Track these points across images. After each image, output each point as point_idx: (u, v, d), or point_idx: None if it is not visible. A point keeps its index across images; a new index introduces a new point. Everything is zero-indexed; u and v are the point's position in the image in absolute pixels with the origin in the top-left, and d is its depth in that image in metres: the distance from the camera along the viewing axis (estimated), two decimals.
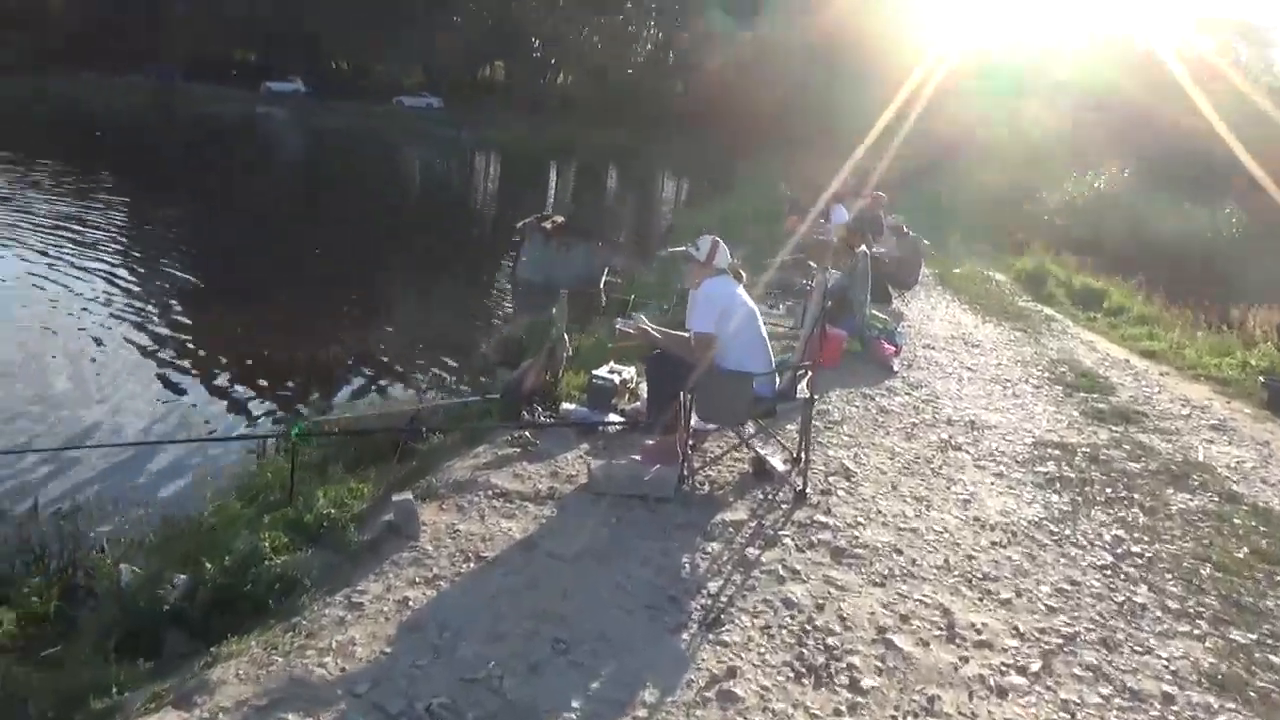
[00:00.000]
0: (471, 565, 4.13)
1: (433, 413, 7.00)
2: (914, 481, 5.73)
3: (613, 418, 6.08)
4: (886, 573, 4.41)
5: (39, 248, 15.15)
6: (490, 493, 4.89)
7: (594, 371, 6.51)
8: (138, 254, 15.77)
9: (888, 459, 6.11)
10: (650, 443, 5.51)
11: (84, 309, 11.77)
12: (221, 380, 9.75)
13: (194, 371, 9.92)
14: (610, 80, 63.10)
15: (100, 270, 14.06)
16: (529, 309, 13.06)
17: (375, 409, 7.30)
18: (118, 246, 16.12)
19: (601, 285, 15.26)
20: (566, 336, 6.85)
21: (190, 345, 10.86)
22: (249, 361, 10.46)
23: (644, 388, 6.05)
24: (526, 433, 5.68)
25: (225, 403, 9.01)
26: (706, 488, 5.25)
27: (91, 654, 3.95)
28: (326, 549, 4.42)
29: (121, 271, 14.25)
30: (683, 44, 64.34)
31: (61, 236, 16.20)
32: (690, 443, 5.36)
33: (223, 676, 3.28)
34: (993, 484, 5.88)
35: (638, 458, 5.40)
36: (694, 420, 5.17)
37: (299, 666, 3.31)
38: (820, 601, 4.05)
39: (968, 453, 6.48)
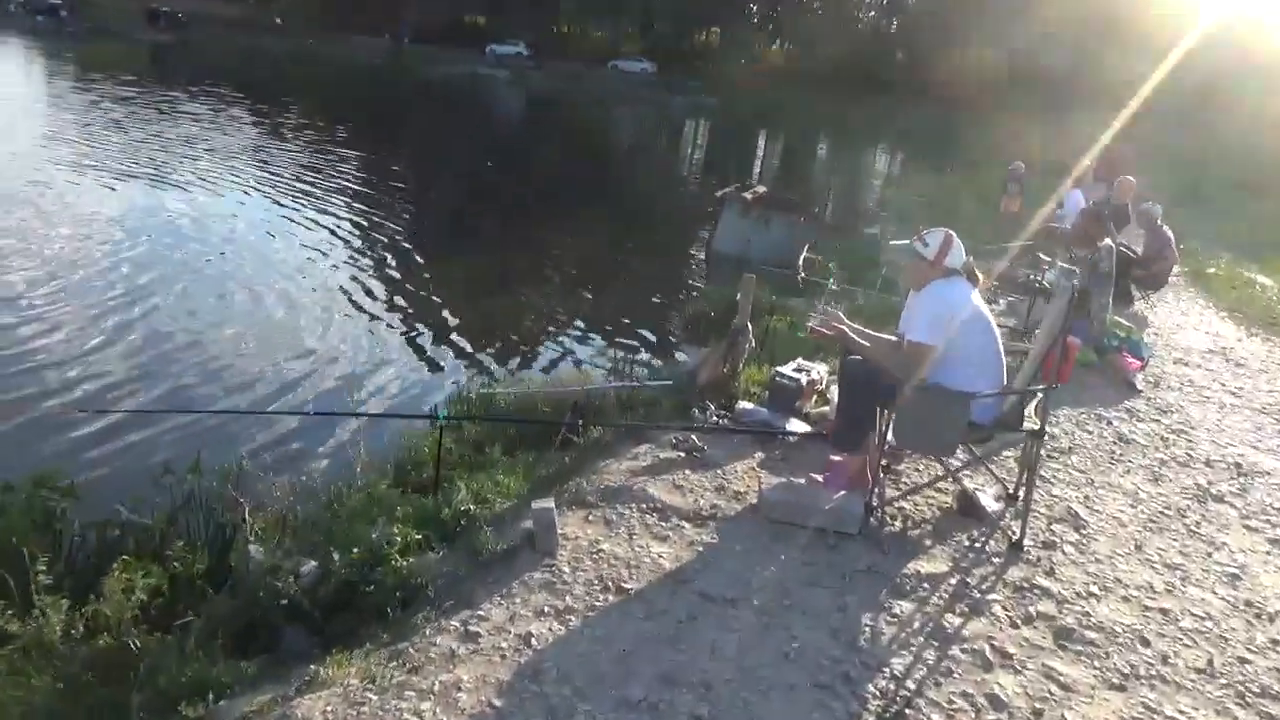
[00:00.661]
0: (610, 599, 3.53)
1: (600, 396, 6.47)
2: (1163, 541, 4.61)
3: (794, 424, 5.31)
4: (1128, 670, 3.44)
5: (276, 197, 16.35)
6: (644, 506, 4.28)
7: (778, 368, 5.76)
8: (358, 208, 16.50)
9: (1128, 506, 4.99)
10: (836, 459, 4.72)
11: (297, 265, 12.26)
12: (403, 343, 9.73)
13: (376, 332, 9.95)
14: (828, 48, 60.85)
15: (324, 222, 14.85)
16: (721, 284, 12.39)
17: (540, 387, 6.86)
18: (343, 200, 16.94)
19: (800, 263, 14.31)
20: (750, 325, 6.11)
21: (382, 304, 11.00)
22: (436, 322, 10.51)
23: (835, 392, 5.24)
24: (694, 436, 5.03)
25: (403, 368, 8.96)
26: (899, 524, 4.40)
27: (205, 639, 3.68)
28: (458, 552, 3.97)
29: (343, 224, 14.97)
30: (907, 8, 61.01)
31: (296, 187, 17.39)
32: (884, 463, 4.54)
33: (309, 714, 2.85)
34: (1269, 554, 4.65)
35: (819, 477, 4.62)
36: (890, 439, 4.34)
37: (391, 712, 2.83)
38: (1038, 705, 3.16)
39: (1233, 506, 5.22)
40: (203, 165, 18.69)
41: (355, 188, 18.38)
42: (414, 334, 10.07)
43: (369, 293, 11.30)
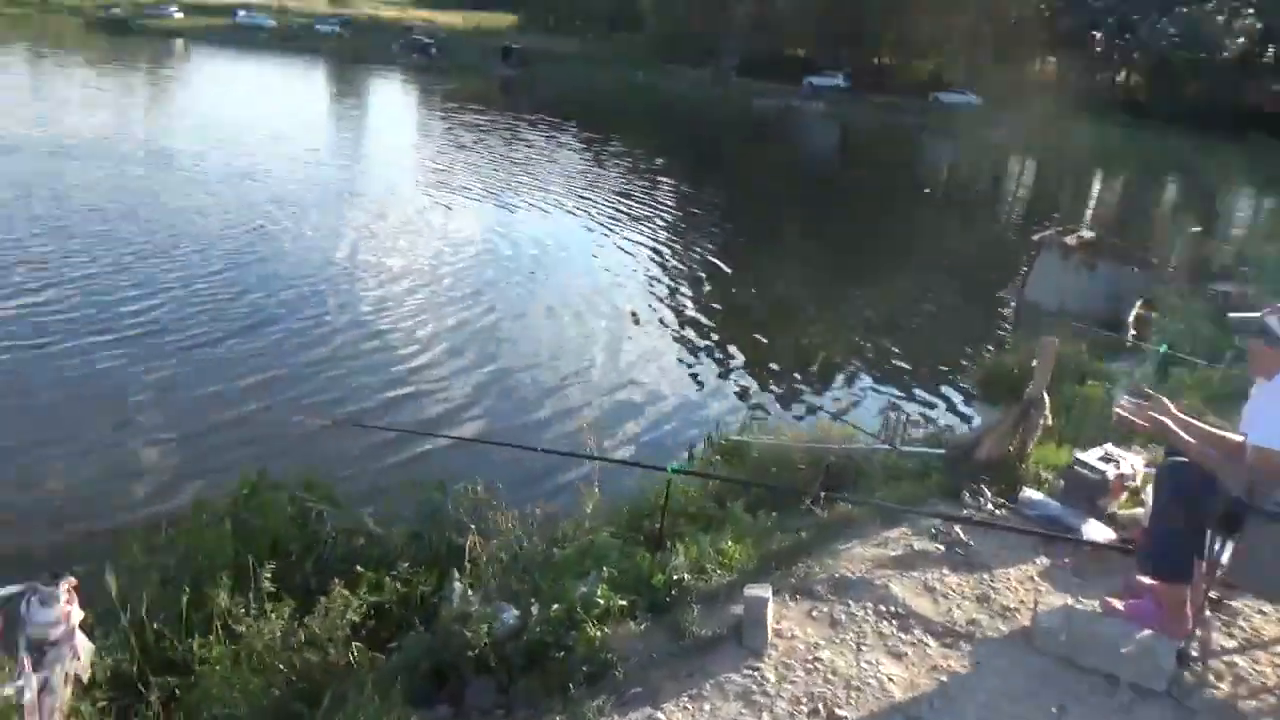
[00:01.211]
0: None
1: (861, 458, 5.77)
2: None
3: (1093, 528, 4.32)
4: None
5: (589, 222, 17.43)
6: (883, 607, 3.60)
7: (1080, 453, 4.77)
8: (662, 236, 17.10)
9: None
10: (1145, 581, 3.73)
11: (595, 290, 12.95)
12: (670, 376, 9.70)
13: (648, 364, 9.99)
14: (1183, 78, 54.22)
15: (629, 248, 15.58)
16: (1029, 338, 11.07)
17: (795, 438, 6.27)
18: (649, 227, 17.59)
19: (1129, 320, 12.47)
20: (1047, 396, 5.14)
21: (663, 335, 11.19)
22: (711, 357, 10.47)
23: (1150, 495, 4.20)
24: (958, 527, 4.23)
25: (663, 402, 8.88)
26: (1225, 686, 3.35)
27: (393, 675, 3.52)
28: (661, 629, 3.53)
29: (645, 251, 15.64)
30: None
31: (609, 212, 18.39)
32: (1213, 596, 3.51)
33: None
34: None
35: (1118, 604, 3.66)
36: (1222, 570, 3.33)
37: None
38: None
39: None
40: (529, 188, 20.20)
41: (662, 216, 18.91)
42: (687, 366, 9.98)
43: (654, 322, 11.55)
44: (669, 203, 20.69)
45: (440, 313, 10.88)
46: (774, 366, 10.39)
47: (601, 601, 3.55)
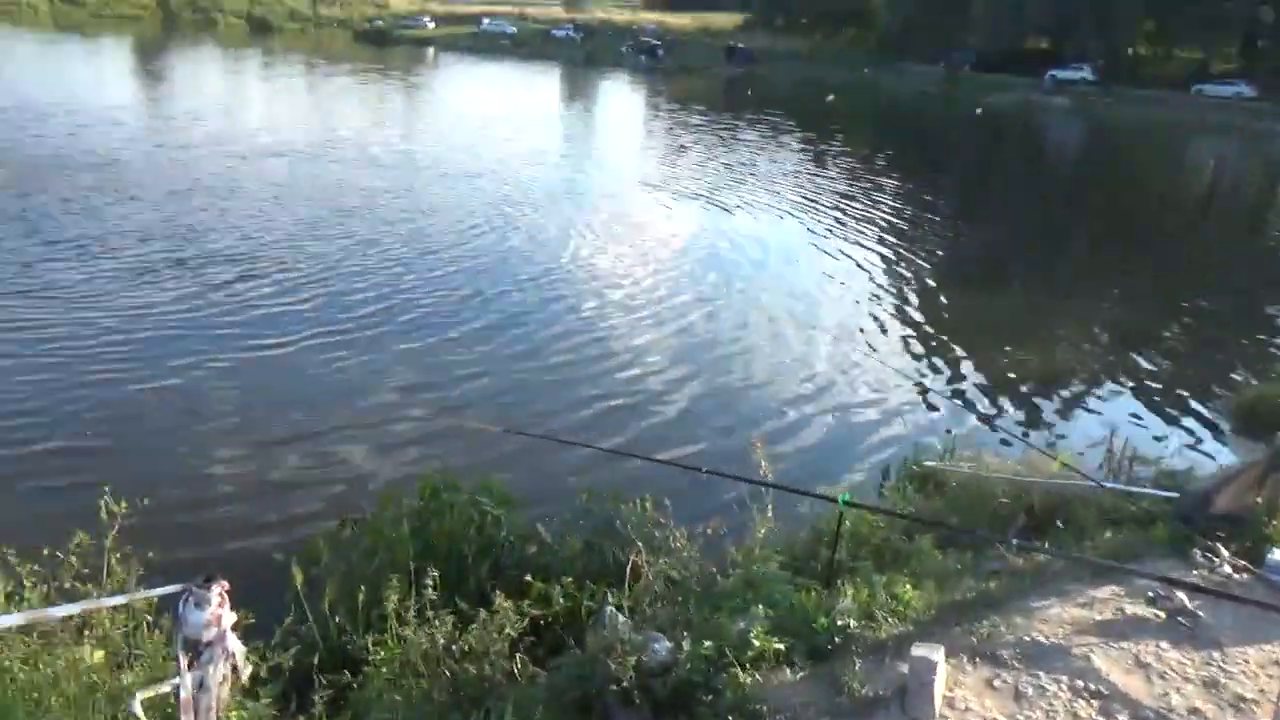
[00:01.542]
0: None
1: (1076, 496, 5.16)
2: None
3: None
4: None
5: (809, 222, 17.19)
6: (1081, 683, 3.14)
7: None
8: (888, 240, 16.47)
9: None
10: None
11: (815, 295, 12.76)
12: (873, 388, 9.22)
13: (853, 375, 9.58)
14: None
15: (850, 251, 15.20)
16: None
17: (999, 467, 5.71)
18: (873, 230, 17.06)
19: None
20: None
21: (877, 344, 10.77)
22: (921, 373, 9.95)
23: None
24: (1182, 594, 3.64)
25: (859, 416, 8.48)
26: None
27: (538, 701, 3.46)
28: (818, 680, 3.26)
29: (869, 255, 15.18)
30: None
31: (830, 213, 18.05)
32: None
33: None
34: None
35: None
36: None
37: None
38: None
39: None
40: (749, 189, 20.11)
41: (887, 218, 18.19)
42: (901, 382, 9.51)
43: (874, 332, 11.23)
44: (894, 205, 19.86)
45: (656, 319, 10.93)
46: (990, 384, 9.63)
47: (756, 644, 3.33)
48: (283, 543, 4.73)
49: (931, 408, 8.84)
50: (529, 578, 4.42)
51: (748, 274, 13.34)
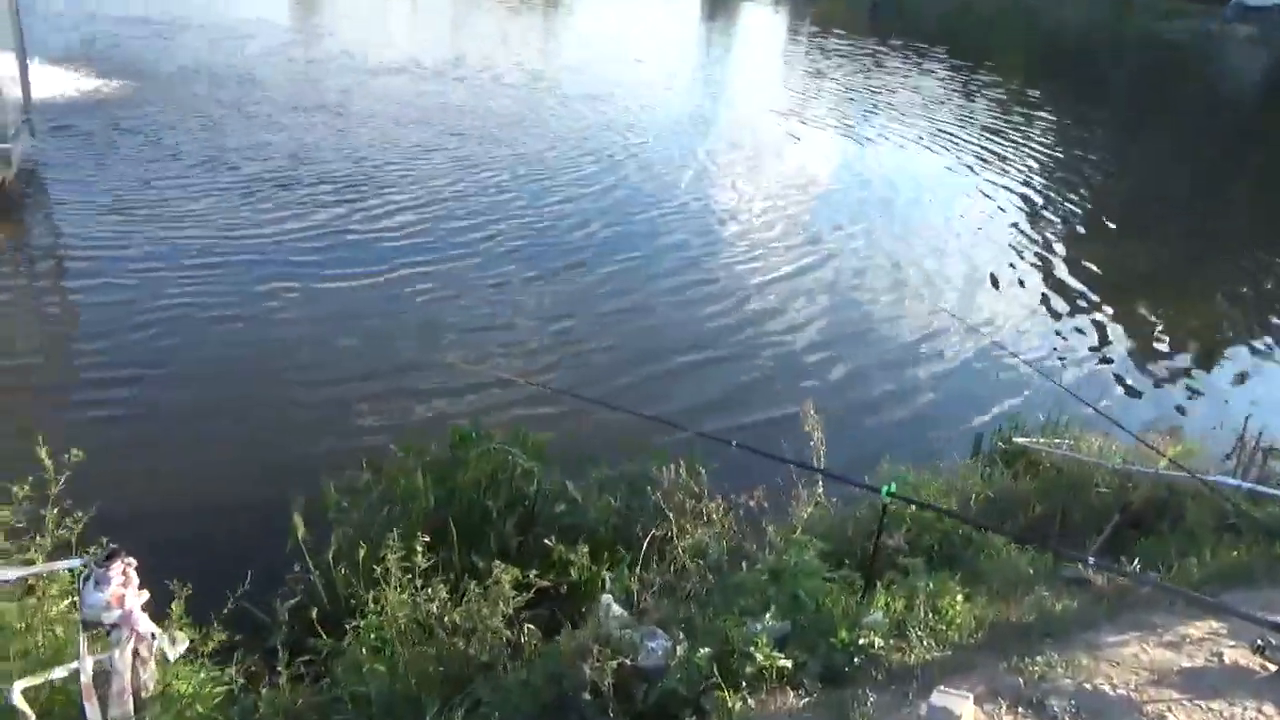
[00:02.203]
0: None
1: (1195, 495, 4.41)
2: None
3: None
4: None
5: (948, 158, 16.18)
6: None
7: None
8: (1036, 181, 15.33)
9: None
10: None
11: (950, 237, 11.95)
12: (976, 356, 8.40)
13: (971, 337, 8.76)
14: None
15: (993, 193, 14.20)
16: None
17: (1105, 450, 4.98)
18: (1021, 169, 15.87)
19: None
20: None
21: (1012, 302, 9.85)
22: (1064, 330, 9.09)
23: None
24: None
25: (954, 381, 7.70)
26: None
27: (504, 692, 3.12)
28: (825, 713, 2.77)
29: (1013, 197, 14.18)
30: None
31: (972, 149, 16.94)
32: None
33: None
34: None
35: None
36: None
37: None
38: None
39: None
40: (886, 121, 18.96)
41: (1036, 157, 16.82)
42: (1019, 340, 8.71)
43: (1006, 280, 10.44)
44: (1044, 143, 18.33)
45: (766, 263, 10.33)
46: (1120, 350, 8.73)
47: (759, 658, 2.87)
48: (305, 480, 4.51)
49: (1047, 374, 7.97)
50: (549, 540, 4.10)
51: (875, 214, 12.49)
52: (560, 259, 9.80)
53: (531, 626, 3.60)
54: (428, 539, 3.81)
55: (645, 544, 3.86)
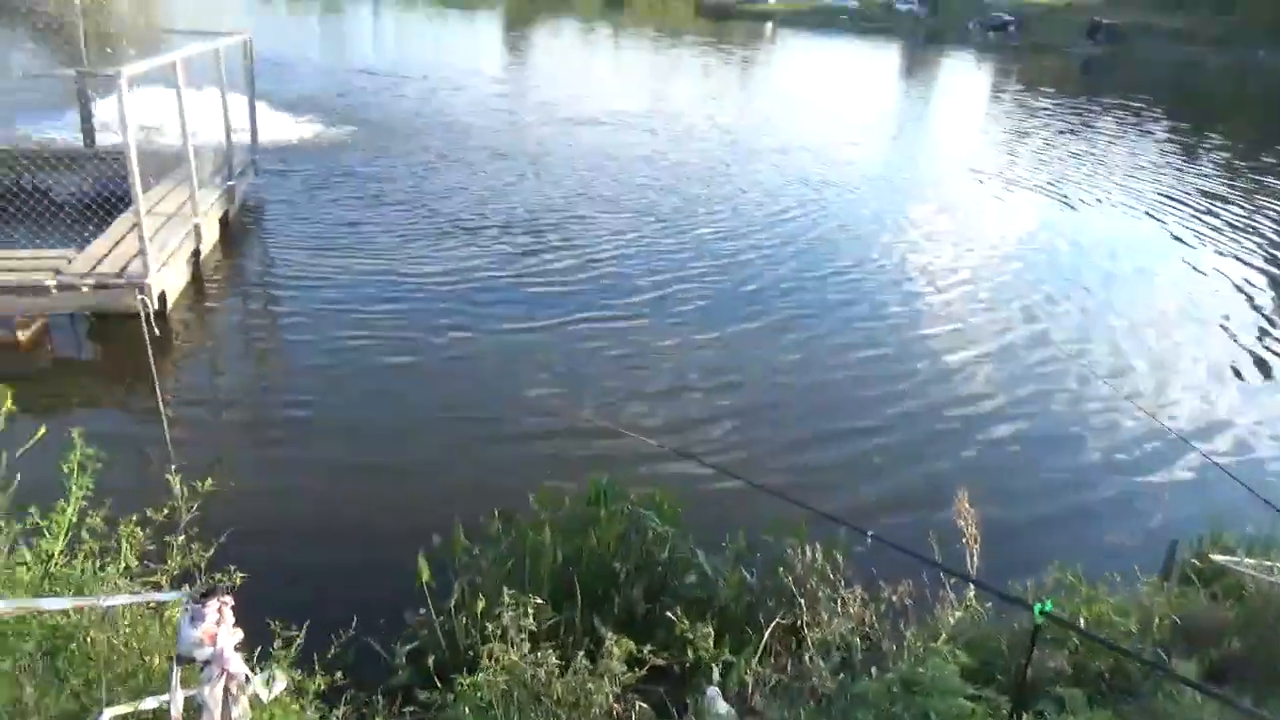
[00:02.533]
0: None
1: None
2: None
3: None
4: None
5: (1170, 226, 15.11)
6: None
7: None
8: (1275, 255, 13.78)
9: None
10: None
11: (1177, 314, 10.99)
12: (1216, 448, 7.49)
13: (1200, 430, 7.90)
14: None
15: (1224, 266, 13.02)
16: None
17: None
18: (1255, 242, 14.46)
19: None
20: None
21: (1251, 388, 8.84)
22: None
23: None
24: None
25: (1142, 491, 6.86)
26: None
27: None
28: None
29: (1250, 275, 12.74)
30: None
31: (1198, 218, 15.67)
32: None
33: None
34: None
35: None
36: None
37: None
38: None
39: None
40: (1098, 184, 17.87)
41: (1274, 230, 15.23)
42: (1250, 436, 7.72)
43: (1233, 372, 9.35)
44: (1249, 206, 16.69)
45: (964, 336, 9.63)
46: None
47: None
48: (440, 527, 4.54)
49: (1262, 484, 7.05)
50: (673, 614, 3.92)
51: (1090, 286, 11.54)
52: (733, 320, 9.51)
53: (644, 705, 3.45)
54: (549, 598, 3.74)
55: (768, 631, 3.61)
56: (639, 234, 12.24)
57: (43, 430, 3.35)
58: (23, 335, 7.44)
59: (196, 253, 9.26)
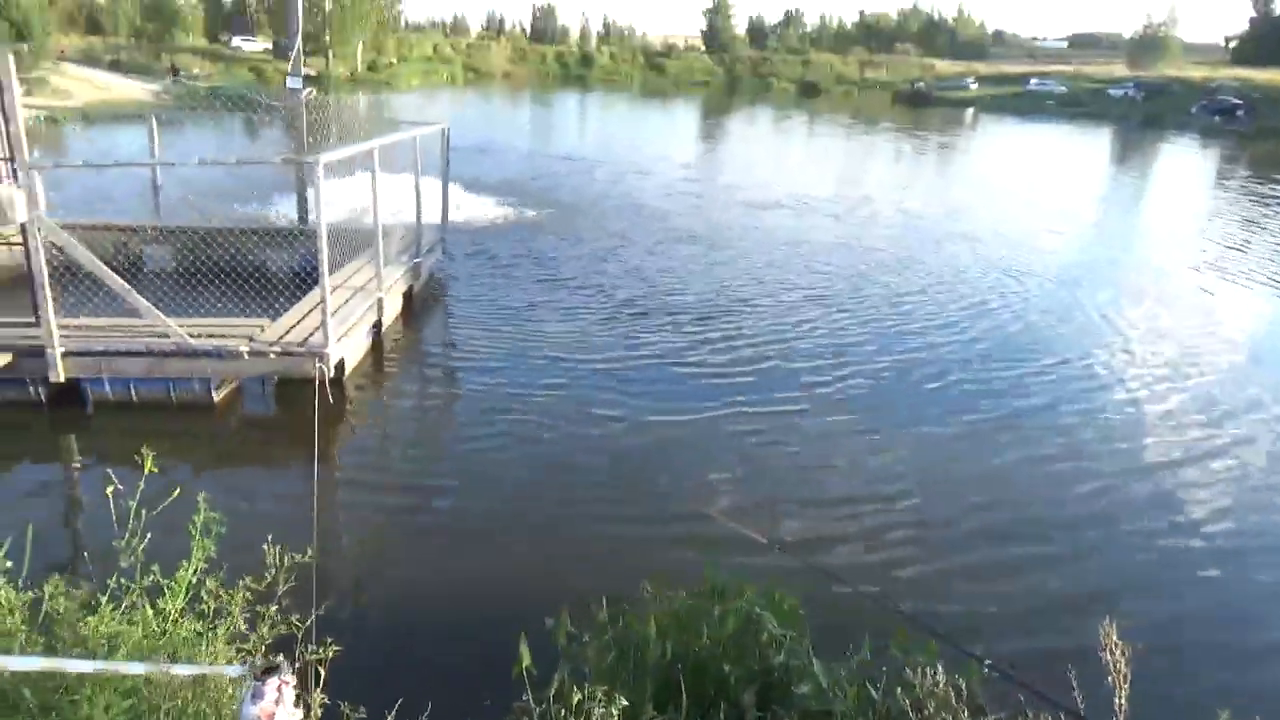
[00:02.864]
0: None
1: None
2: None
3: None
4: None
5: None
6: None
7: None
8: None
9: None
10: None
11: None
12: None
13: None
14: None
15: None
16: None
17: None
18: None
19: None
20: None
21: None
22: None
23: None
24: None
25: None
26: None
27: None
28: None
29: None
30: None
31: None
32: None
33: None
34: None
35: None
36: None
37: None
38: None
39: None
40: None
41: None
42: None
43: None
44: None
45: (1155, 441, 8.66)
46: None
47: None
48: (549, 611, 4.47)
49: None
50: None
51: None
52: (902, 414, 8.94)
53: None
54: (653, 695, 3.58)
55: None
56: (812, 321, 11.96)
57: (177, 492, 3.55)
58: (217, 396, 8.13)
59: (378, 325, 9.87)
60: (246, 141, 29.58)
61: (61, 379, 7.78)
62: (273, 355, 7.97)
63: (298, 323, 8.56)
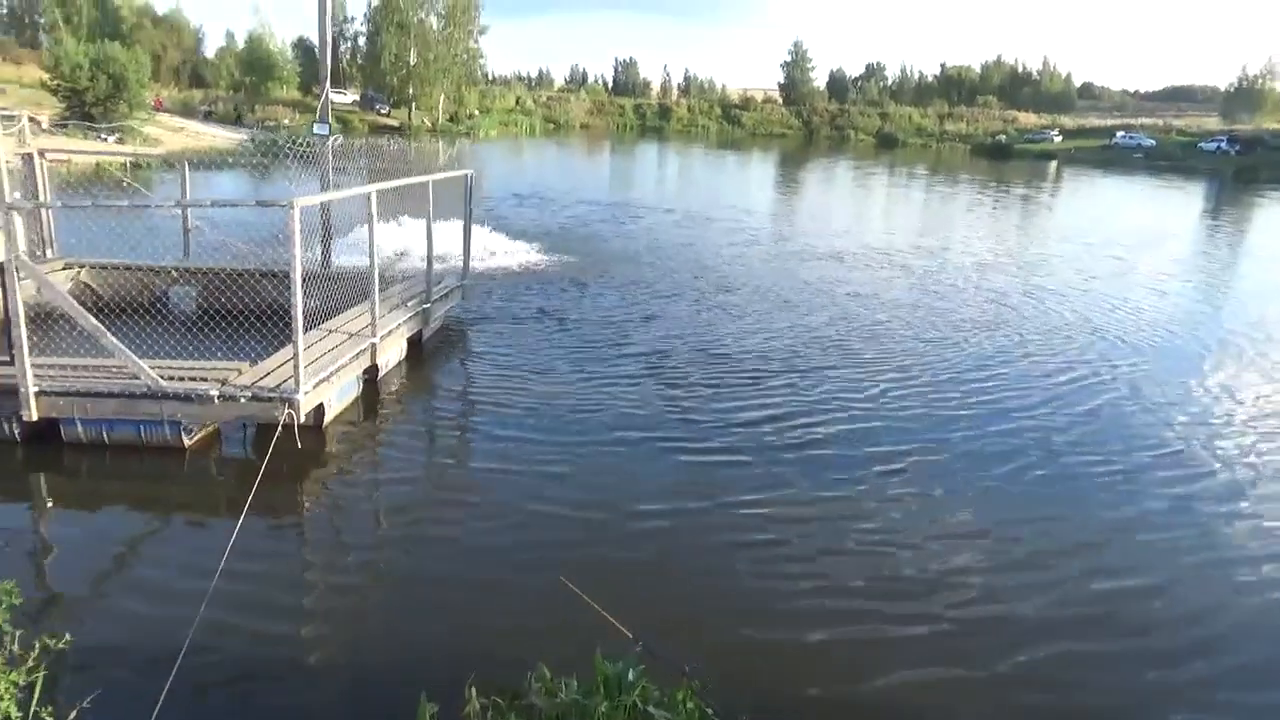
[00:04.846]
0: None
1: None
2: None
3: None
4: None
5: None
6: None
7: None
8: None
9: None
10: None
11: None
12: None
13: None
14: None
15: None
16: None
17: None
18: None
19: None
20: None
21: None
22: None
23: None
24: None
25: None
26: None
27: None
28: None
29: None
30: None
31: None
32: None
33: None
34: None
35: None
36: None
37: None
38: None
39: None
40: None
41: None
42: None
43: None
44: None
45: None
46: None
47: None
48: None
49: None
50: None
51: None
52: (949, 532, 7.27)
53: None
54: None
55: None
56: (884, 386, 10.84)
57: None
58: (189, 440, 7.89)
59: (374, 369, 9.58)
60: (315, 185, 30.26)
61: (34, 417, 7.64)
62: (244, 400, 7.70)
63: (279, 366, 8.30)
